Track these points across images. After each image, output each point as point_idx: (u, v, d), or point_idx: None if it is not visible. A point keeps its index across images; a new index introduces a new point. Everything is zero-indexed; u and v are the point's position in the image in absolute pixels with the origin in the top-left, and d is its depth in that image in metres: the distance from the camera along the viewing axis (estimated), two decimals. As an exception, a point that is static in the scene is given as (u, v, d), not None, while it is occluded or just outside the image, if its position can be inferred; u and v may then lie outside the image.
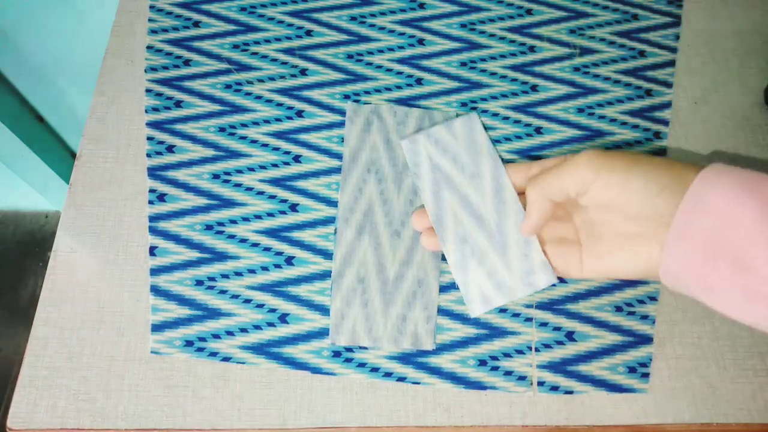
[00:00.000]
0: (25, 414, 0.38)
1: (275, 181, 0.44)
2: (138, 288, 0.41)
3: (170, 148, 0.45)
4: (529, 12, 0.50)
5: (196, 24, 0.50)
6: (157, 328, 0.40)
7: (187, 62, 0.48)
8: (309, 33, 0.49)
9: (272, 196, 0.43)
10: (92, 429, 0.37)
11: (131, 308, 0.40)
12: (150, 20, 0.50)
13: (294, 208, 0.43)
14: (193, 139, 0.45)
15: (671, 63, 0.48)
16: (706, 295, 0.30)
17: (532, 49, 0.49)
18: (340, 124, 0.45)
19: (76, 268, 0.42)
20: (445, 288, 0.41)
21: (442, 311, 0.40)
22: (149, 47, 0.49)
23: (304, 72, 0.48)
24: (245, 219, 0.42)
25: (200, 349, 0.39)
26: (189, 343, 0.39)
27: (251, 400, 0.38)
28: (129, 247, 0.42)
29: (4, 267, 1.16)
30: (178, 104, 0.46)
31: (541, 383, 0.39)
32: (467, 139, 0.42)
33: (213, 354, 0.39)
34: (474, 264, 0.38)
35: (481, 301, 0.38)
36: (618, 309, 0.40)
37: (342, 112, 0.46)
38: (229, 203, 0.43)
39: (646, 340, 0.40)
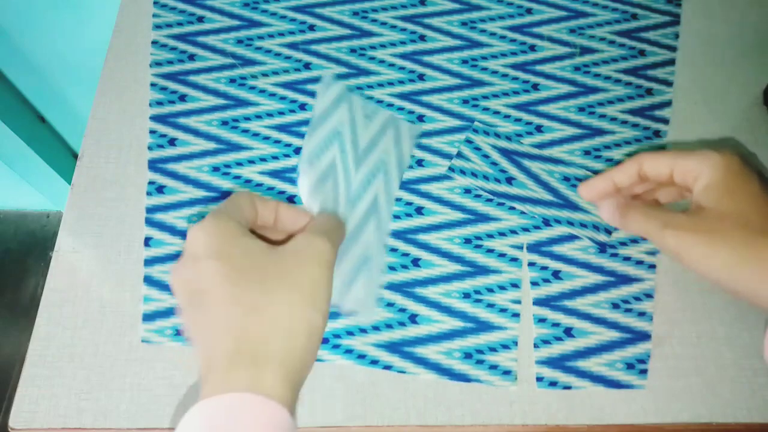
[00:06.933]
0: (27, 414, 0.37)
1: (275, 173, 0.44)
2: (140, 288, 0.41)
3: (172, 141, 0.45)
4: (529, 11, 0.50)
5: (200, 19, 0.50)
6: (148, 317, 0.40)
7: (191, 57, 0.48)
8: (312, 28, 0.50)
9: (270, 188, 0.43)
10: (94, 428, 0.37)
11: (133, 308, 0.40)
12: (154, 15, 0.50)
13: (291, 200, 0.43)
14: (196, 133, 0.45)
15: (671, 62, 0.48)
16: None
17: (532, 48, 0.49)
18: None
19: (77, 268, 0.42)
20: (434, 281, 0.41)
21: (430, 303, 0.40)
22: (154, 42, 0.49)
23: (307, 66, 0.48)
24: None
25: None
26: (180, 333, 0.39)
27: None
28: (131, 247, 0.42)
29: (5, 267, 1.16)
30: (183, 98, 0.47)
31: (539, 379, 0.39)
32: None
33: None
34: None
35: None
36: (615, 306, 0.40)
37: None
38: (227, 196, 0.43)
39: (644, 336, 0.40)
